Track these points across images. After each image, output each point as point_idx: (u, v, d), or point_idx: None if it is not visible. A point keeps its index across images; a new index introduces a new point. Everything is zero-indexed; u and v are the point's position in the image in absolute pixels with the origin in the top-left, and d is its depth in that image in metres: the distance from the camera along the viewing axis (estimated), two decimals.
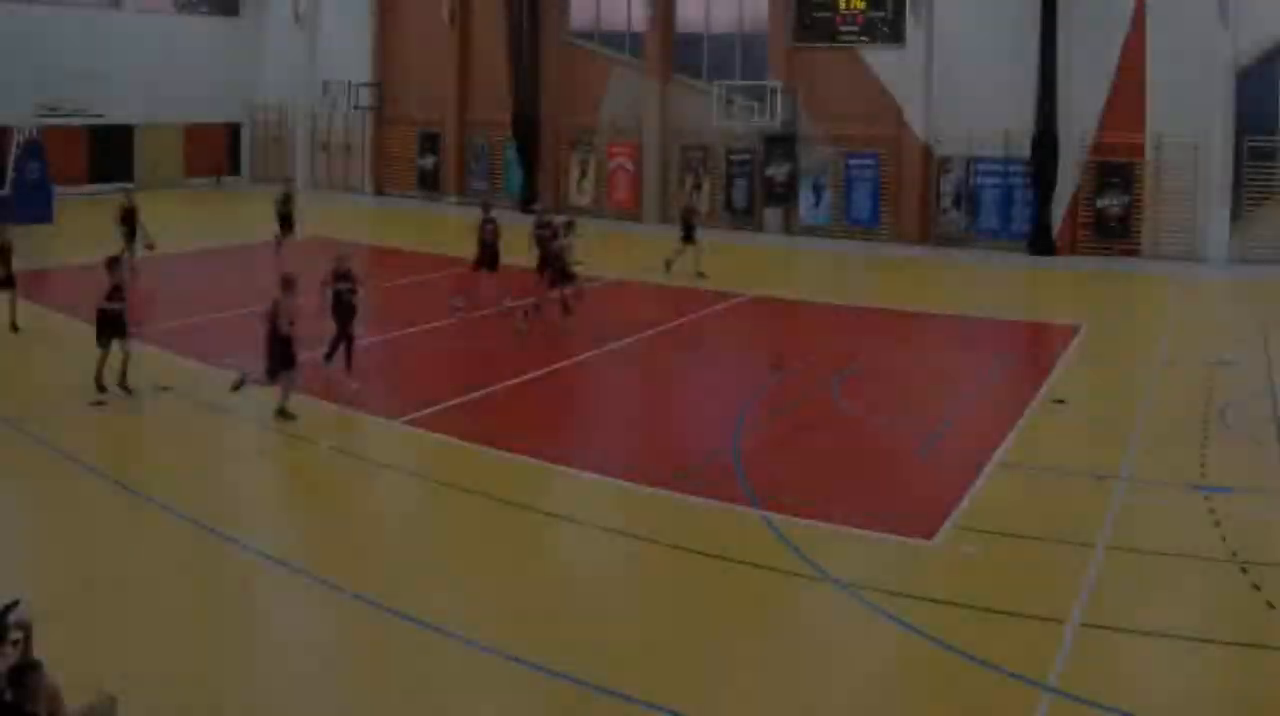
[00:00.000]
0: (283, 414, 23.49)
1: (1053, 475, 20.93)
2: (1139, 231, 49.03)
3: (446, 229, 54.78)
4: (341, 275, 26.56)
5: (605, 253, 45.34)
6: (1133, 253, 48.70)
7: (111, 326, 24.91)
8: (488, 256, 35.32)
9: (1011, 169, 51.00)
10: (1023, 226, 50.76)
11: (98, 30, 65.68)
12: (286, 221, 43.71)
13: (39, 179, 53.75)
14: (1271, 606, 15.29)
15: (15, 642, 9.56)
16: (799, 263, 48.51)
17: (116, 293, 25.09)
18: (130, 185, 50.85)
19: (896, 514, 18.70)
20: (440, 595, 15.89)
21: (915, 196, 52.89)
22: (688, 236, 42.42)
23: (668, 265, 42.18)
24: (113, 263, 25.77)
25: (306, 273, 25.83)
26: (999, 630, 14.84)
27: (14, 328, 31.17)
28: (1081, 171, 49.86)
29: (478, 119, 65.98)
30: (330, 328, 26.42)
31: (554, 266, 32.92)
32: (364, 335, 28.11)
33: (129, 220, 39.10)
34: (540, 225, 35.18)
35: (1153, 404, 25.90)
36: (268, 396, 24.15)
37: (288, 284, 23.93)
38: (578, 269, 33.81)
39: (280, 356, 23.50)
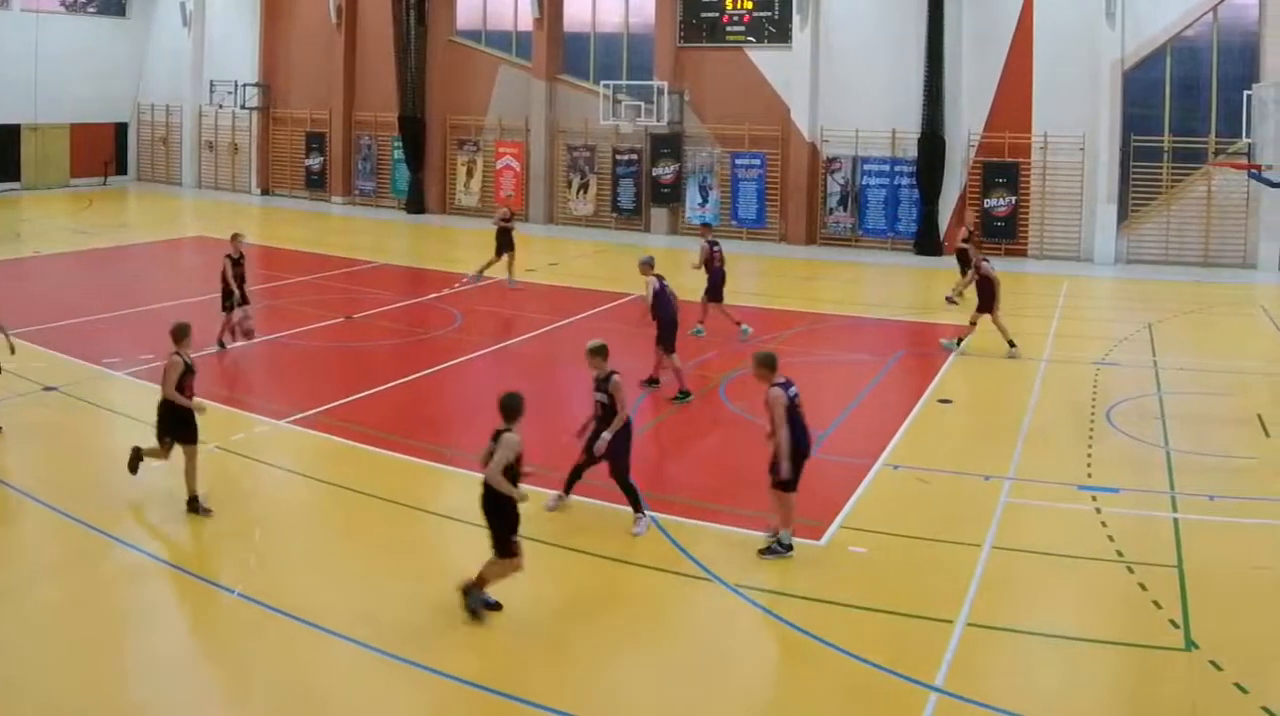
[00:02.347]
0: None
1: (940, 475, 20.43)
2: (1025, 232, 47.79)
3: (332, 229, 54.76)
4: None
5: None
6: (1020, 253, 47.52)
7: None
8: (716, 285, 31.41)
9: (898, 169, 49.53)
10: (910, 227, 49.48)
11: None
12: (506, 244, 38.72)
13: None
14: (1158, 606, 14.98)
15: None
16: (686, 263, 45.83)
17: None
18: None
19: None
20: (326, 594, 15.40)
21: (802, 196, 51.15)
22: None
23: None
24: None
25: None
26: (887, 630, 14.55)
27: None
28: (968, 172, 48.50)
29: (365, 119, 63.65)
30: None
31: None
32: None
33: None
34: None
35: (1040, 404, 25.37)
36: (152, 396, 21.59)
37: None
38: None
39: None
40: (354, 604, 15.07)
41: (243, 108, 66.72)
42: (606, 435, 17.77)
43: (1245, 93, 37.80)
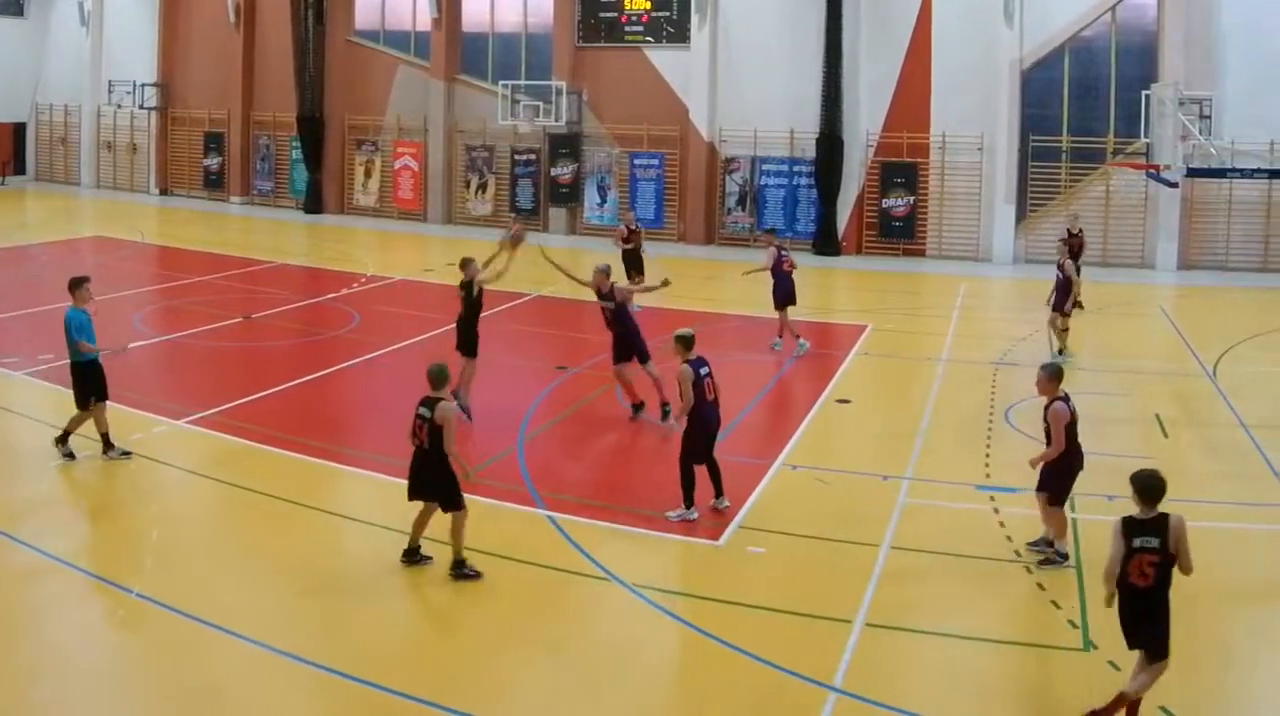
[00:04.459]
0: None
1: (839, 475, 19.96)
2: (924, 232, 46.70)
3: (230, 229, 53.49)
4: None
5: (389, 253, 45.85)
6: (918, 253, 46.51)
7: None
8: (785, 293, 29.49)
9: (797, 169, 48.17)
10: (808, 227, 48.11)
11: None
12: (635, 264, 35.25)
13: None
14: (1057, 606, 14.71)
15: None
16: (584, 263, 44.52)
17: None
18: None
19: None
20: (224, 594, 14.83)
21: (701, 196, 49.66)
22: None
23: None
24: None
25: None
26: (786, 630, 14.17)
27: None
28: (866, 172, 47.22)
29: (263, 119, 61.08)
30: None
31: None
32: None
33: None
34: None
35: (938, 404, 24.90)
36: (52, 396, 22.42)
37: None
38: None
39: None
40: (252, 603, 14.63)
41: (141, 108, 64.14)
42: (674, 423, 19.09)
43: (1144, 93, 38.03)
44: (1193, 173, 28.23)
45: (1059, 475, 15.95)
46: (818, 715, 12.17)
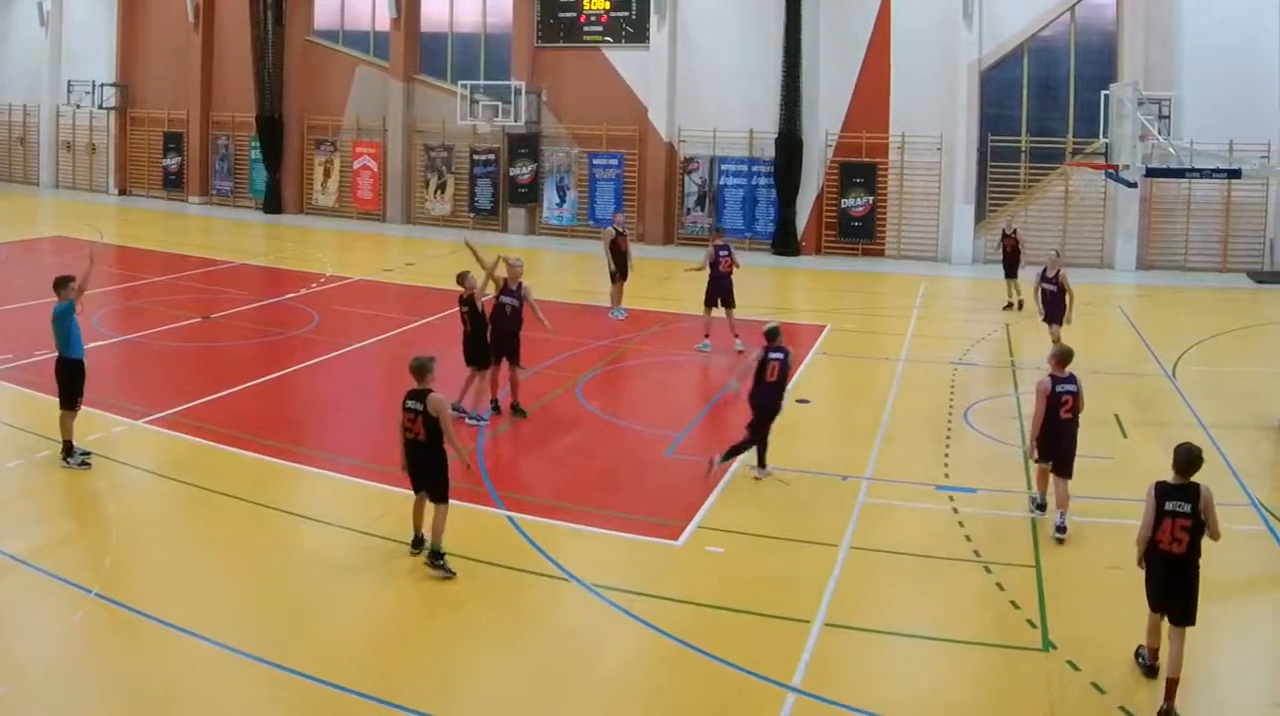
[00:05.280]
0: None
1: (798, 475, 19.65)
2: (883, 232, 46.09)
3: (189, 229, 52.96)
4: None
5: (348, 253, 45.68)
6: (877, 253, 45.93)
7: None
8: (719, 291, 29.66)
9: (756, 169, 47.46)
10: (767, 227, 47.46)
11: None
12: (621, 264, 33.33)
13: None
14: (1016, 606, 14.60)
15: None
16: (541, 263, 44.32)
17: None
18: None
19: (643, 515, 17.72)
20: (183, 594, 14.60)
21: (660, 197, 48.92)
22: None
23: None
24: None
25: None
26: (745, 630, 14.00)
27: None
28: (826, 172, 46.58)
29: (222, 119, 60.13)
30: None
31: None
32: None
33: None
34: None
35: (898, 404, 24.69)
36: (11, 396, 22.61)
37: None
38: None
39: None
40: (211, 603, 14.38)
41: (100, 108, 63.17)
42: (735, 383, 20.13)
43: (1103, 93, 37.74)
44: (1152, 172, 27.74)
45: (1043, 443, 17.11)
46: (776, 715, 12.06)
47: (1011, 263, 34.61)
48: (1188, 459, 12.40)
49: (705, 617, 14.31)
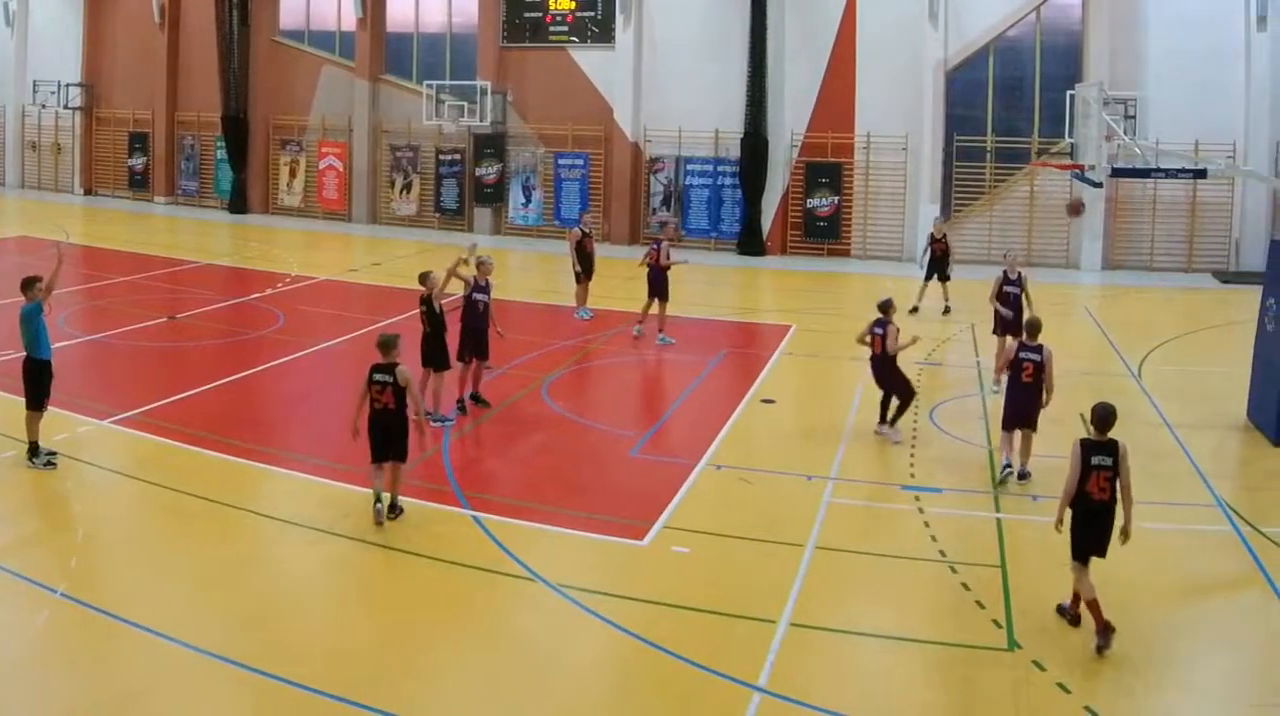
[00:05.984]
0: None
1: (763, 475, 19.60)
2: (848, 232, 45.71)
3: (155, 229, 52.31)
4: None
5: (314, 253, 45.27)
6: (843, 253, 45.57)
7: None
8: (655, 285, 30.32)
9: (721, 169, 47.05)
10: (733, 227, 47.08)
11: None
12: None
13: None
14: (981, 606, 14.53)
15: None
16: (507, 263, 43.68)
17: None
18: None
19: (608, 515, 17.66)
20: (149, 594, 14.50)
21: (625, 196, 48.40)
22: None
23: None
24: None
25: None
26: (710, 630, 13.94)
27: None
28: (791, 172, 46.26)
29: (188, 119, 59.36)
30: None
31: None
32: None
33: None
34: None
35: (863, 404, 24.11)
36: None
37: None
38: None
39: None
40: (176, 603, 14.25)
41: (66, 107, 62.30)
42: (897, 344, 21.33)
43: (1068, 93, 37.46)
44: (1117, 173, 27.55)
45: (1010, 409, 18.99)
46: (742, 715, 11.99)
47: (941, 265, 33.76)
48: (1105, 417, 13.76)
49: (671, 617, 14.20)
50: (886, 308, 21.45)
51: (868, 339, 21.60)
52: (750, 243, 46.21)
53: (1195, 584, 15.68)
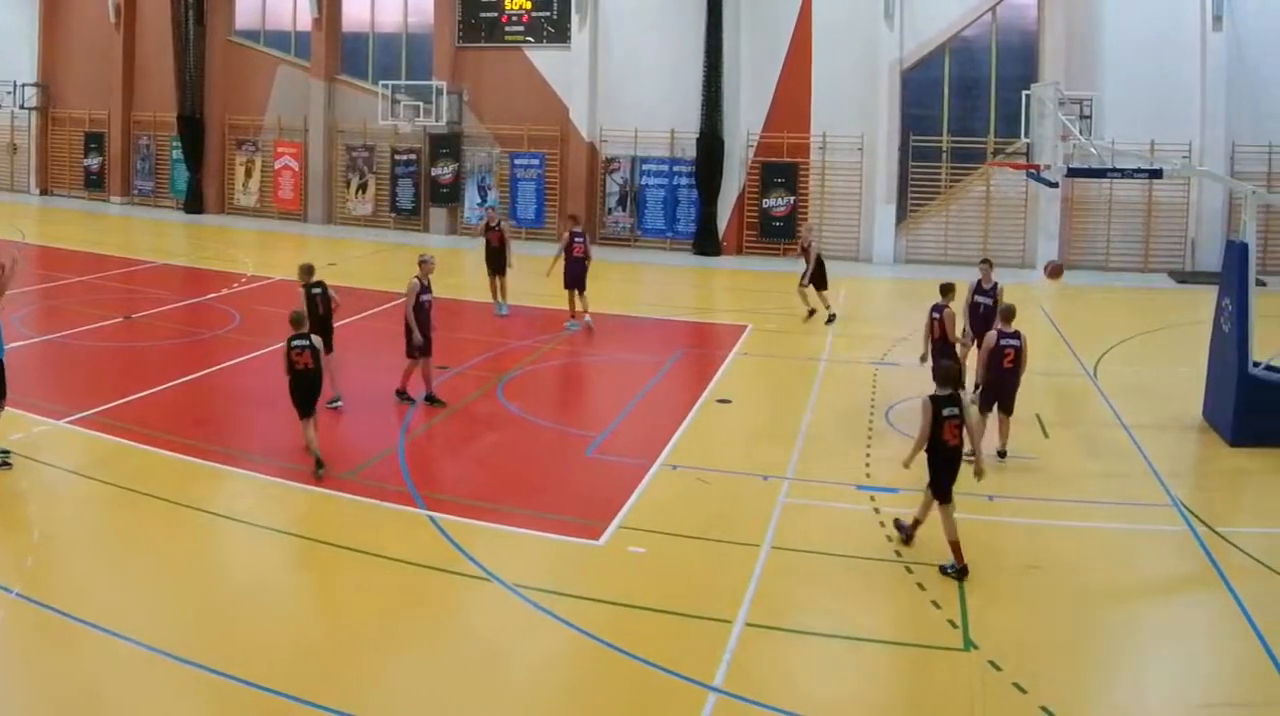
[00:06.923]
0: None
1: (719, 475, 19.46)
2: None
3: (111, 229, 51.80)
4: None
5: (269, 253, 44.95)
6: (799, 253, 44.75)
7: None
8: (573, 276, 31.35)
9: (677, 169, 46.60)
10: (689, 227, 46.64)
11: None
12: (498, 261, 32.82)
13: None
14: (937, 606, 14.45)
15: None
16: (462, 263, 43.05)
17: None
18: None
19: (564, 515, 17.53)
20: (105, 594, 14.43)
21: (581, 196, 47.76)
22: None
23: None
24: None
25: None
26: (666, 630, 13.87)
27: None
28: (747, 172, 45.92)
29: (143, 119, 58.55)
30: None
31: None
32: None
33: None
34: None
35: (819, 404, 24.31)
36: None
37: None
38: None
39: None
40: (133, 603, 14.20)
41: (21, 107, 61.48)
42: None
43: (1024, 92, 37.42)
44: (1073, 172, 27.29)
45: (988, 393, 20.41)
46: (698, 715, 11.95)
47: (820, 273, 32.19)
48: (947, 375, 15.56)
49: (627, 617, 14.14)
50: (946, 291, 22.22)
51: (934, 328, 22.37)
52: (706, 243, 45.79)
53: (1151, 584, 15.69)
